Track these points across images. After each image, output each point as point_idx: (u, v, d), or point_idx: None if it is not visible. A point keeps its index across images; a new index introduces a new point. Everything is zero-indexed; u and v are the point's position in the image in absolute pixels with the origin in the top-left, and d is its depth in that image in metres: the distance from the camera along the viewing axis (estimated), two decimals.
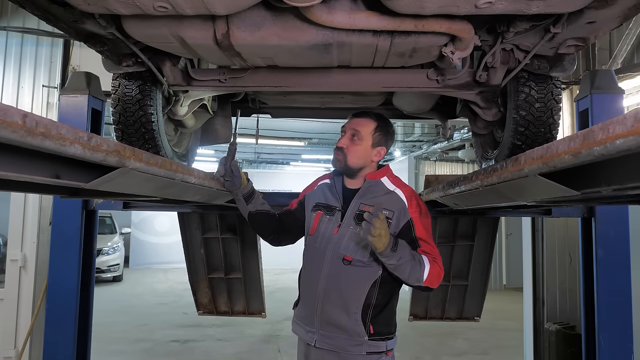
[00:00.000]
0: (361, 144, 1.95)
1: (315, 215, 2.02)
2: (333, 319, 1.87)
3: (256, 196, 2.13)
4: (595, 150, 0.81)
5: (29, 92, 4.54)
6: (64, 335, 2.85)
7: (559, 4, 1.51)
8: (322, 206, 2.03)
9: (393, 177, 2.02)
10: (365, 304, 1.86)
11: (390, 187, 1.97)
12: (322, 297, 1.89)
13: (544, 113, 2.25)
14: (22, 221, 4.38)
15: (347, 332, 1.85)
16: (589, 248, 2.99)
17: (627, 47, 4.41)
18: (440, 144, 9.63)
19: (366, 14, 1.64)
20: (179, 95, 2.53)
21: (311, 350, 1.93)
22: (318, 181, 2.16)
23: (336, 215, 1.97)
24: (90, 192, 1.53)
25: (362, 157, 1.97)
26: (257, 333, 6.73)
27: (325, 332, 1.88)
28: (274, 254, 4.71)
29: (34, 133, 0.78)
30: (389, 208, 1.89)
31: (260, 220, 2.13)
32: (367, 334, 1.84)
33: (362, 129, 1.96)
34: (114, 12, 1.60)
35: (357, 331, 1.84)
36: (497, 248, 10.00)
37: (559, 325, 4.62)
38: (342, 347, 1.85)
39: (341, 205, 1.99)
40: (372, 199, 1.92)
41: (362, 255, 1.87)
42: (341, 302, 1.87)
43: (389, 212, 1.88)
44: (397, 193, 1.95)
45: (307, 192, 2.16)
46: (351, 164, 1.96)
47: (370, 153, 1.98)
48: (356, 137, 1.95)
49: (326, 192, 2.07)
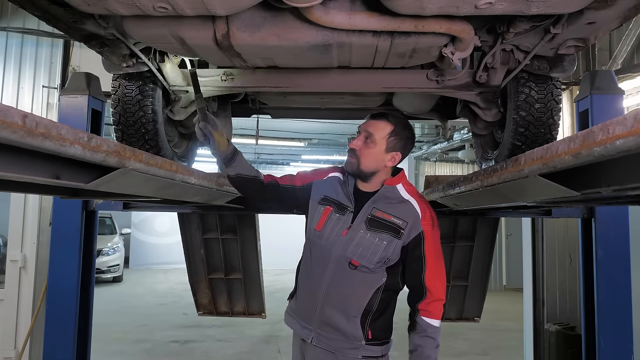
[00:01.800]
0: (374, 148, 1.85)
1: (323, 210, 1.93)
2: (332, 321, 1.85)
3: (237, 159, 1.91)
4: (596, 151, 0.81)
5: (29, 92, 4.55)
6: (64, 336, 2.85)
7: (559, 4, 1.51)
8: (333, 202, 1.94)
9: (408, 185, 1.95)
10: (366, 310, 1.84)
11: (405, 195, 1.90)
12: (323, 297, 1.86)
13: (544, 114, 2.25)
14: (22, 222, 4.38)
15: (345, 335, 1.83)
16: (589, 248, 2.98)
17: (627, 48, 4.41)
18: (440, 145, 9.63)
19: (366, 15, 1.64)
20: (179, 96, 2.53)
21: (308, 346, 1.92)
22: (329, 172, 2.04)
23: (347, 216, 1.89)
24: (90, 193, 1.52)
25: (374, 162, 1.87)
26: (257, 333, 6.73)
27: (322, 331, 1.86)
28: (274, 255, 4.70)
29: (34, 133, 0.78)
30: (403, 218, 1.84)
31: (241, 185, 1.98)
32: (364, 339, 1.83)
33: (377, 132, 1.85)
34: (114, 13, 1.60)
35: (355, 335, 1.83)
36: (497, 248, 9.99)
37: (559, 326, 4.62)
38: (339, 349, 1.84)
39: (353, 207, 1.91)
40: (386, 206, 1.87)
41: (369, 262, 1.83)
42: (342, 306, 1.84)
43: (402, 222, 1.83)
44: (411, 203, 1.88)
45: (315, 180, 2.03)
46: (364, 167, 1.88)
47: (384, 158, 1.87)
48: (369, 140, 1.85)
49: (337, 188, 1.97)
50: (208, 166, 14.56)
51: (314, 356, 1.90)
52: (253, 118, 3.68)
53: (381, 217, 1.85)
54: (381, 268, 1.85)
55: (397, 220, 1.83)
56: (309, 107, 3.43)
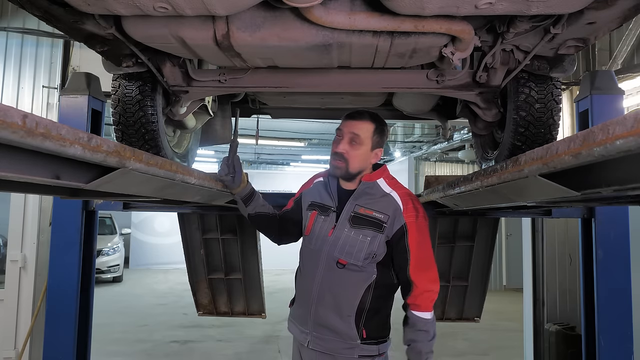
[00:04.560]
0: (361, 148, 1.88)
1: (310, 214, 1.99)
2: (326, 322, 1.86)
3: (256, 198, 2.11)
4: (596, 151, 0.81)
5: (29, 92, 4.55)
6: (64, 336, 2.85)
7: (559, 4, 1.51)
8: (317, 206, 1.99)
9: (390, 179, 1.97)
10: (359, 308, 1.84)
11: (387, 189, 1.92)
12: (316, 299, 1.88)
13: (544, 114, 2.25)
14: (22, 222, 4.38)
15: (339, 335, 1.84)
16: (589, 249, 2.98)
17: (627, 48, 4.42)
18: (440, 145, 9.64)
19: (366, 15, 1.64)
20: (179, 96, 2.53)
21: (304, 350, 1.93)
22: (314, 178, 2.13)
23: (331, 216, 1.94)
24: (90, 193, 1.52)
25: (362, 162, 1.91)
26: (257, 334, 6.73)
27: (318, 334, 1.87)
28: (274, 255, 4.71)
29: (34, 134, 0.78)
30: (384, 212, 1.85)
31: (261, 222, 2.14)
32: (359, 338, 1.83)
33: (362, 132, 1.88)
34: (114, 13, 1.60)
35: (350, 335, 1.83)
36: (497, 249, 9.99)
37: (559, 326, 4.62)
38: (335, 350, 1.84)
39: (336, 206, 1.95)
40: (368, 202, 1.89)
41: (356, 260, 1.85)
42: (334, 305, 1.85)
43: (384, 216, 1.84)
44: (392, 196, 1.89)
45: (303, 190, 2.12)
46: (352, 169, 1.90)
47: (370, 156, 1.93)
48: (355, 142, 1.87)
49: (321, 190, 2.02)
50: (208, 166, 14.58)
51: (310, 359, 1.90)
52: (253, 118, 3.68)
53: (363, 213, 1.87)
54: (371, 265, 1.86)
55: (379, 215, 1.85)
56: (309, 107, 3.44)
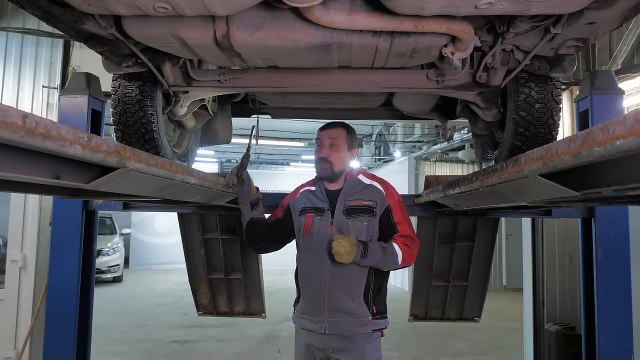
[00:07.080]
0: (340, 150, 2.23)
1: (305, 218, 2.24)
2: (340, 306, 2.11)
3: (260, 204, 2.35)
4: (596, 151, 0.81)
5: (29, 92, 4.54)
6: (64, 336, 2.85)
7: (559, 4, 1.51)
8: (311, 209, 2.25)
9: (367, 174, 2.35)
10: (366, 288, 2.14)
11: (367, 181, 2.28)
12: (328, 288, 2.12)
13: (544, 114, 2.25)
14: (22, 222, 4.38)
15: (354, 315, 2.11)
16: (589, 249, 2.98)
17: (627, 48, 4.41)
18: (440, 145, 9.63)
19: (366, 15, 1.64)
20: (179, 96, 2.53)
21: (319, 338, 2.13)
22: (299, 189, 2.40)
23: (326, 215, 2.22)
24: (90, 193, 1.52)
25: (343, 161, 2.25)
26: (257, 334, 6.73)
27: (333, 319, 2.11)
28: (274, 255, 4.71)
29: (34, 134, 0.78)
30: (371, 199, 2.21)
31: (258, 228, 2.33)
32: (370, 314, 2.13)
33: (339, 136, 2.24)
34: (114, 13, 1.61)
35: (363, 312, 2.12)
36: (497, 249, 9.99)
37: (559, 326, 4.62)
38: (350, 329, 2.11)
39: (328, 206, 2.23)
40: (355, 194, 2.22)
41: None
42: (346, 289, 2.12)
43: (373, 202, 2.20)
44: (374, 185, 2.27)
45: (290, 201, 2.37)
46: (336, 169, 2.24)
47: (347, 155, 2.27)
48: (335, 145, 2.23)
49: (310, 197, 2.30)
50: (208, 166, 14.59)
51: (327, 345, 2.12)
52: (253, 118, 3.68)
53: (355, 204, 2.20)
54: None
55: (368, 202, 2.20)
56: (309, 107, 3.44)
